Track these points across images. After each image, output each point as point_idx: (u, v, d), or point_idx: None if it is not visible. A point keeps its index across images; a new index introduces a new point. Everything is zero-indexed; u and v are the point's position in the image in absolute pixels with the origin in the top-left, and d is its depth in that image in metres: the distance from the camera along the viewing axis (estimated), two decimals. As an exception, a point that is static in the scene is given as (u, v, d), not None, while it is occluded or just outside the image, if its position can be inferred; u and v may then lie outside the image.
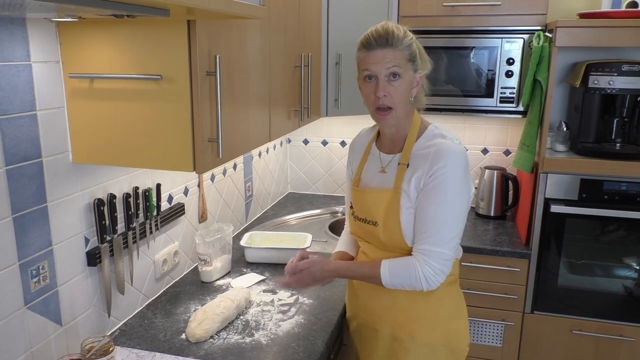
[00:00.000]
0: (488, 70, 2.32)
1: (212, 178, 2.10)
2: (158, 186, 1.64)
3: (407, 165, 1.38)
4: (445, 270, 1.33)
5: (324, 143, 2.99)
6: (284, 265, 1.68)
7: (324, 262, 1.47)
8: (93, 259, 1.40)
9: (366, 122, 1.57)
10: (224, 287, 1.81)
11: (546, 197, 2.19)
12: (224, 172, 2.21)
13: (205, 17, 1.16)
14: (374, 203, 1.42)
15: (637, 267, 2.21)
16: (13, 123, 1.15)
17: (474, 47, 2.32)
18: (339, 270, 1.47)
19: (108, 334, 1.49)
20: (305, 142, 3.01)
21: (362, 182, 1.51)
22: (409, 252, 1.37)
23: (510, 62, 2.28)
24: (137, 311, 1.64)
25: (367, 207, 1.44)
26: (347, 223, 1.65)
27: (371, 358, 1.52)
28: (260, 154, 2.59)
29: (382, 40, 1.32)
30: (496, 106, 2.35)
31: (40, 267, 1.25)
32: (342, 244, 1.66)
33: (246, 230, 2.37)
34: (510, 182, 2.56)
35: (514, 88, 2.31)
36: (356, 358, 1.60)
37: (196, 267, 1.93)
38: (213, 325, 1.48)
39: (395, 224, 1.37)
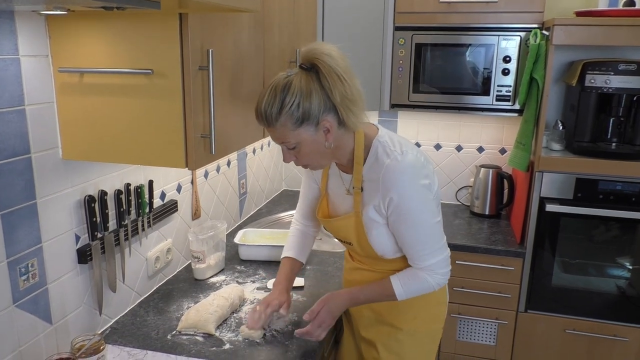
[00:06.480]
0: (484, 68, 2.31)
1: (206, 175, 2.08)
2: (150, 183, 1.62)
3: (362, 189, 1.36)
4: (449, 267, 1.38)
5: (319, 140, 2.97)
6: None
7: (335, 296, 1.43)
8: (84, 256, 1.38)
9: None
10: (217, 284, 1.79)
11: (541, 196, 2.19)
12: (218, 169, 2.19)
13: (197, 9, 1.14)
14: (342, 228, 1.44)
15: (631, 267, 2.21)
16: (1, 118, 1.13)
17: (470, 44, 2.30)
18: (353, 298, 1.43)
19: (99, 332, 1.48)
20: (300, 139, 2.99)
21: (331, 208, 1.49)
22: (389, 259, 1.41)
23: (506, 60, 2.27)
24: (129, 309, 1.62)
25: (339, 231, 1.47)
26: (296, 219, 1.65)
27: (356, 331, 1.58)
28: (254, 151, 2.57)
29: (261, 122, 1.26)
30: (492, 104, 2.34)
31: (30, 265, 1.23)
32: (291, 248, 1.61)
33: (240, 227, 2.36)
34: (505, 181, 2.55)
35: (510, 86, 2.30)
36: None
37: (189, 265, 1.91)
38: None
39: (366, 243, 1.40)
